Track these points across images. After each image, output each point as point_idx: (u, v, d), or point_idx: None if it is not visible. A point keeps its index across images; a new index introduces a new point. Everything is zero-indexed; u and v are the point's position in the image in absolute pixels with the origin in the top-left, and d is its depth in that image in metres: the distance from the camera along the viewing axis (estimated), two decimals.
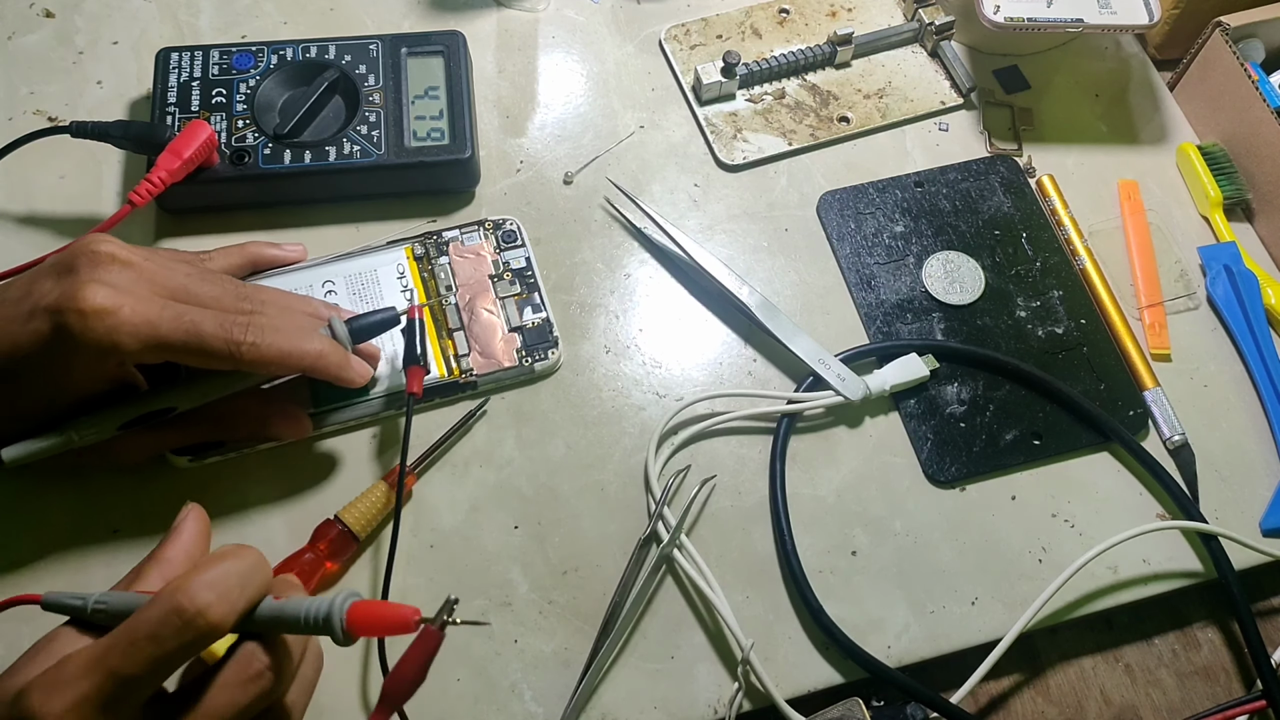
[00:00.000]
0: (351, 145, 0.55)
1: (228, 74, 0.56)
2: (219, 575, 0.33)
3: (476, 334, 0.53)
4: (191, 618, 0.32)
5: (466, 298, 0.53)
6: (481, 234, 0.55)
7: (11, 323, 0.40)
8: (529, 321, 0.53)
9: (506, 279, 0.54)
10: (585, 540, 0.49)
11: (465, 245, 0.55)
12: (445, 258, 0.54)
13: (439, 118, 0.56)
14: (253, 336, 0.42)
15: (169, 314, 0.41)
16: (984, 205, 0.61)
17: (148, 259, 0.43)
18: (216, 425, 0.47)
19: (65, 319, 0.39)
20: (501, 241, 0.55)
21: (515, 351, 0.52)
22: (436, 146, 0.56)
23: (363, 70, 0.57)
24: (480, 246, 0.55)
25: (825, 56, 0.64)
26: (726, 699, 0.46)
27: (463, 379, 0.51)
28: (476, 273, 0.54)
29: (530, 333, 0.53)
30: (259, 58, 0.57)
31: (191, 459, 0.48)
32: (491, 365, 0.52)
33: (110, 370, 0.43)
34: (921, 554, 0.50)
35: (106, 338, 0.39)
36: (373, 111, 0.56)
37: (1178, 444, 0.54)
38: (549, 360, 0.53)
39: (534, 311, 0.54)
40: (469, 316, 0.53)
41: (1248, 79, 0.61)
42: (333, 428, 0.50)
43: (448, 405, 0.52)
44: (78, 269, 0.41)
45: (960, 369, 0.55)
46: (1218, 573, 0.51)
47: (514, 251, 0.55)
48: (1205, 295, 0.59)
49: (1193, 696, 0.50)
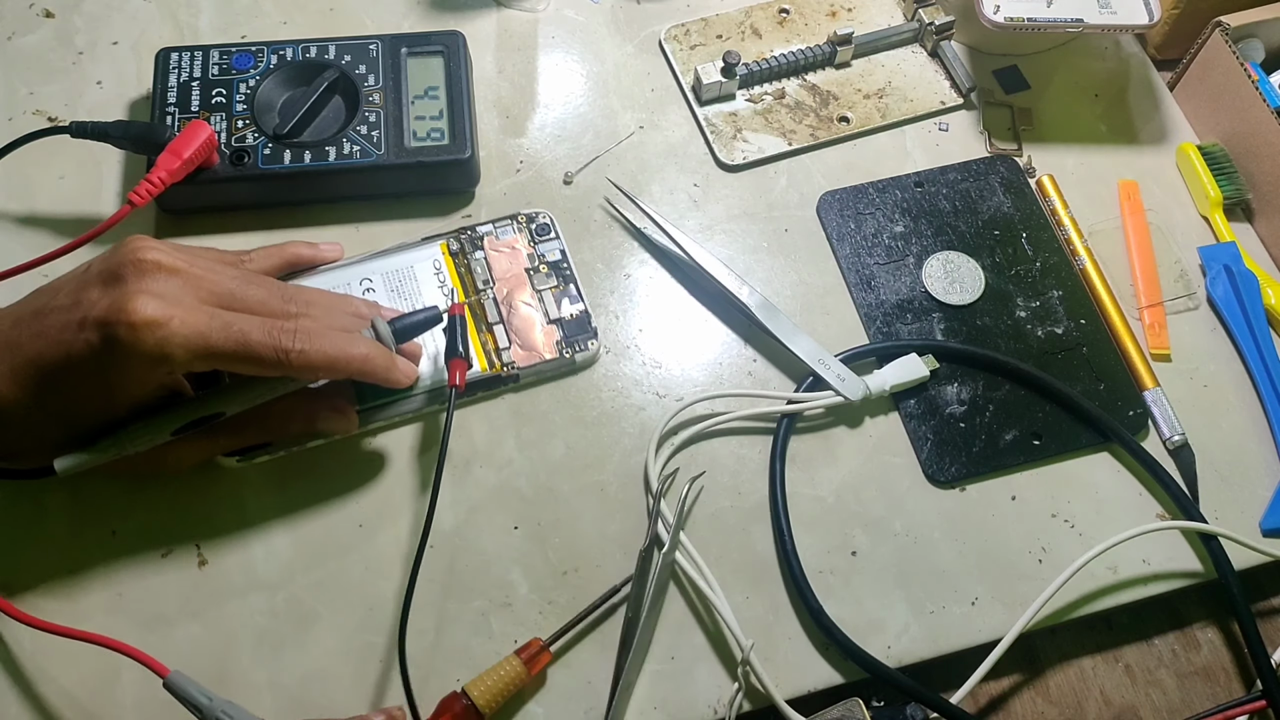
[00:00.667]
0: (351, 145, 0.55)
1: (227, 74, 0.56)
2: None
3: (516, 327, 0.53)
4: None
5: (504, 291, 0.54)
6: (515, 228, 0.56)
7: (64, 331, 0.41)
8: (567, 313, 0.54)
9: (543, 271, 0.55)
10: (585, 540, 0.49)
11: (500, 239, 0.55)
12: (480, 252, 0.55)
13: (439, 118, 0.56)
14: (300, 344, 0.42)
15: (218, 324, 0.41)
16: (984, 205, 0.61)
17: (193, 264, 0.43)
18: (264, 425, 0.48)
19: (116, 331, 0.39)
20: (535, 235, 0.56)
21: (555, 344, 0.53)
22: (436, 146, 0.56)
23: (362, 70, 0.57)
24: (515, 240, 0.55)
25: (825, 56, 0.64)
26: (726, 699, 0.46)
27: (505, 372, 0.52)
28: (513, 266, 0.55)
29: (569, 324, 0.53)
30: (259, 58, 0.57)
31: (240, 459, 0.48)
32: (533, 358, 0.52)
33: (160, 379, 0.43)
34: (921, 554, 0.50)
35: (157, 349, 0.40)
36: (373, 111, 0.56)
37: (1178, 444, 0.54)
38: (589, 351, 0.53)
39: (571, 303, 0.54)
40: (508, 310, 0.53)
41: (1248, 79, 0.61)
42: (378, 424, 0.51)
43: (490, 399, 0.52)
44: (125, 278, 0.41)
45: (960, 369, 0.55)
46: (1217, 573, 0.51)
47: (548, 244, 0.55)
48: (1205, 295, 0.59)
49: (1193, 697, 0.50)
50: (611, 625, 0.47)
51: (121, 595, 0.47)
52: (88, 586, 0.47)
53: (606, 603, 0.47)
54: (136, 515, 0.48)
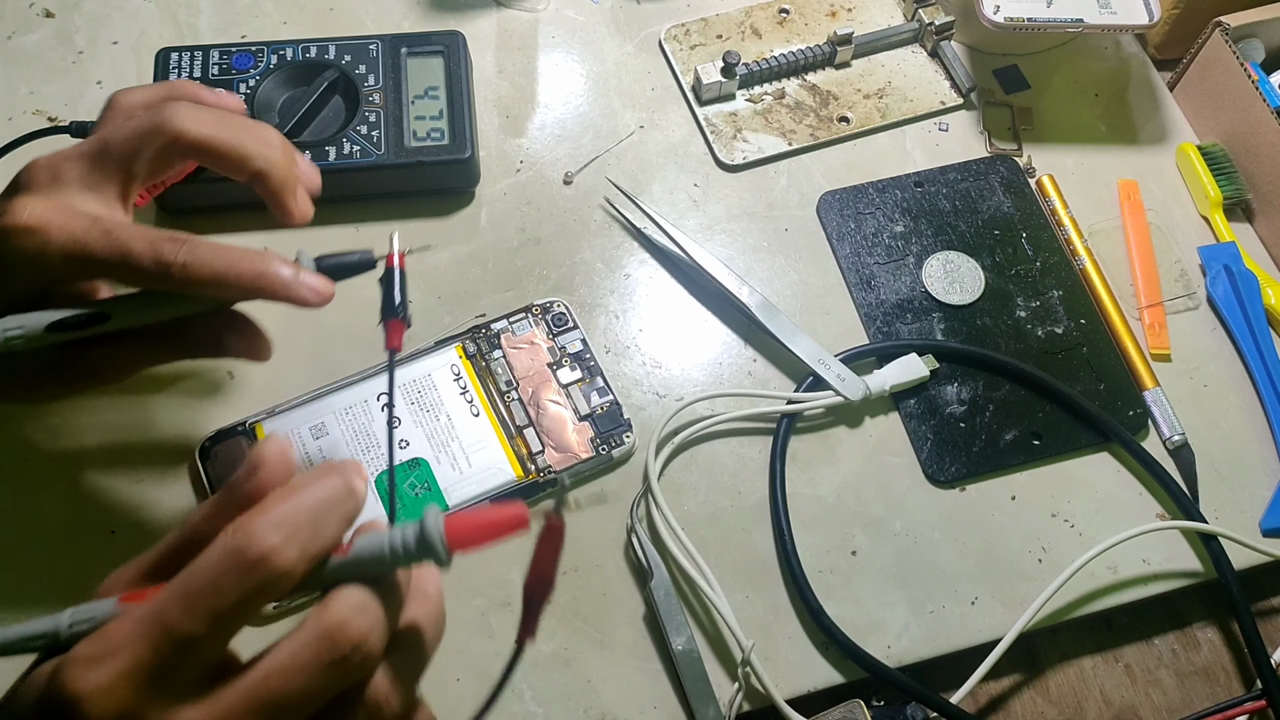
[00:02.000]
0: (351, 145, 0.55)
1: (227, 74, 0.56)
2: (289, 511, 0.28)
3: (547, 428, 0.51)
4: (254, 563, 0.27)
5: (529, 391, 0.52)
6: (530, 320, 0.54)
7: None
8: (597, 407, 0.51)
9: (566, 365, 0.53)
10: (585, 540, 0.49)
11: (517, 335, 0.53)
12: (498, 351, 0.53)
13: (439, 118, 0.56)
14: (184, 257, 0.39)
15: (97, 230, 0.39)
16: (984, 205, 0.61)
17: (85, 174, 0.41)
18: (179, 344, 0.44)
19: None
20: (553, 325, 0.54)
21: (590, 441, 0.51)
22: (436, 146, 0.55)
23: (362, 70, 0.57)
24: (532, 334, 0.53)
25: (825, 56, 0.64)
26: (726, 699, 0.46)
27: (542, 478, 0.50)
28: (534, 363, 0.52)
29: (601, 419, 0.51)
30: (259, 58, 0.57)
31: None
32: (569, 459, 0.50)
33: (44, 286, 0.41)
34: (921, 554, 0.50)
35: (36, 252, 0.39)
36: (372, 111, 0.56)
37: (1177, 444, 0.54)
38: (625, 445, 0.51)
39: (600, 395, 0.52)
40: (535, 411, 0.51)
41: (1248, 79, 0.61)
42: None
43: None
44: (18, 185, 0.41)
45: (960, 369, 0.55)
46: (1217, 573, 0.51)
47: (568, 335, 0.53)
48: (1205, 295, 0.59)
49: (1192, 696, 0.50)
50: (611, 625, 0.47)
51: None
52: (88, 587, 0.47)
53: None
54: (136, 515, 0.48)
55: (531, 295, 0.56)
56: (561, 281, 0.56)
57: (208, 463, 0.49)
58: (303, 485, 0.29)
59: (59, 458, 0.49)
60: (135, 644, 0.27)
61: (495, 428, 0.51)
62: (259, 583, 0.27)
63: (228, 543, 0.27)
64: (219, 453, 0.49)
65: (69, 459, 0.49)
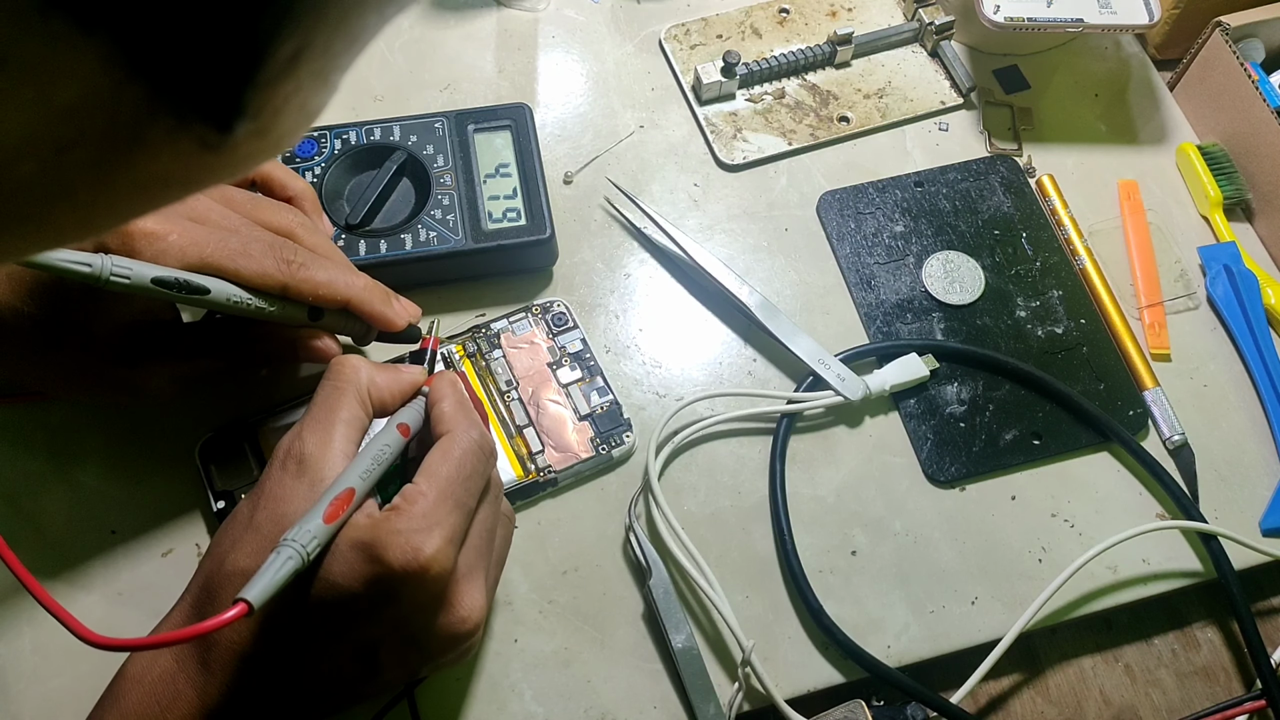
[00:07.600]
0: (428, 232, 0.52)
1: (291, 162, 0.53)
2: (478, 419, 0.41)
3: (547, 428, 0.51)
4: (491, 451, 0.40)
5: (529, 391, 0.51)
6: (530, 320, 0.53)
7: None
8: (597, 407, 0.51)
9: (566, 365, 0.52)
10: (585, 540, 0.49)
11: (517, 335, 0.53)
12: (498, 351, 0.52)
13: (513, 196, 0.54)
14: (302, 258, 0.43)
15: (216, 238, 0.41)
16: (984, 205, 0.61)
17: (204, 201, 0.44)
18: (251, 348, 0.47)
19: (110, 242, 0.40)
20: (552, 325, 0.53)
21: (590, 441, 0.50)
22: (514, 228, 0.53)
23: (430, 150, 0.54)
24: (532, 334, 0.53)
25: (825, 56, 0.64)
26: (726, 699, 0.46)
27: (541, 478, 0.49)
28: (534, 363, 0.52)
29: (601, 419, 0.51)
30: (321, 144, 0.54)
31: None
32: (569, 459, 0.50)
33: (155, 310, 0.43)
34: (921, 554, 0.50)
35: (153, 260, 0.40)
36: (445, 194, 0.53)
37: (1177, 444, 0.54)
38: (625, 445, 0.51)
39: (600, 395, 0.52)
40: (535, 411, 0.51)
41: (1248, 79, 0.61)
42: None
43: (528, 507, 0.50)
44: None
45: (960, 369, 0.55)
46: (1217, 573, 0.51)
47: (567, 335, 0.53)
48: (1205, 295, 0.59)
49: (1192, 696, 0.50)
50: (611, 625, 0.47)
51: (121, 595, 0.47)
52: (88, 586, 0.47)
53: None
54: (136, 515, 0.48)
55: (531, 295, 0.56)
56: (561, 281, 0.56)
57: (208, 462, 0.49)
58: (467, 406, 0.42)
59: (59, 458, 0.49)
60: (450, 516, 0.37)
61: (495, 427, 0.50)
62: (491, 464, 0.41)
63: (479, 443, 0.40)
64: (219, 452, 0.49)
65: (69, 459, 0.49)
